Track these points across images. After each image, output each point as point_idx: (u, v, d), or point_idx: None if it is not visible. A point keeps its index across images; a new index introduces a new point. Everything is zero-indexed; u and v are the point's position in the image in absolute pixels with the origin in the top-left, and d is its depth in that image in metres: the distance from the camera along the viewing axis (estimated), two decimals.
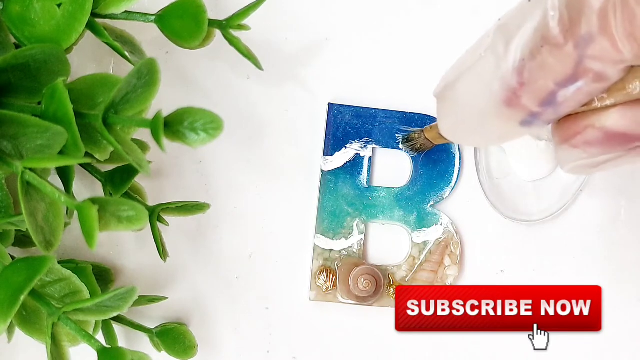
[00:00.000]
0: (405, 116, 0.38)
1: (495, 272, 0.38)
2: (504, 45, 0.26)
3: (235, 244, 0.38)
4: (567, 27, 0.25)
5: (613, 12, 0.24)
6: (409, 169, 0.38)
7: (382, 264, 0.38)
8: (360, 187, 0.38)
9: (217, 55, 0.37)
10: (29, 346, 0.37)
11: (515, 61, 0.26)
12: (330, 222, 0.38)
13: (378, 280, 0.37)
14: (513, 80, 0.26)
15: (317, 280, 0.38)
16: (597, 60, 0.25)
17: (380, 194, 0.38)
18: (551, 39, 0.25)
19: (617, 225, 0.39)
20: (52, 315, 0.29)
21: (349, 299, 0.37)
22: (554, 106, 0.26)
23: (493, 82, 0.27)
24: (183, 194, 0.38)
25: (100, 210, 0.26)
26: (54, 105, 0.28)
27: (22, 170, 0.27)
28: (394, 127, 0.38)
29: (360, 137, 0.38)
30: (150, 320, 0.38)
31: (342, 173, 0.38)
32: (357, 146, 0.38)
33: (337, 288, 0.37)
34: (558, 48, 0.25)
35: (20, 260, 0.29)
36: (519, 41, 0.26)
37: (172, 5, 0.32)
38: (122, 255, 0.38)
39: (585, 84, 0.25)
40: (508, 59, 0.26)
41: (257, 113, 0.38)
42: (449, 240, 0.38)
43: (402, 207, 0.38)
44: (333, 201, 0.38)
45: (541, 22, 0.25)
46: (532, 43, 0.25)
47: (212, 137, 0.26)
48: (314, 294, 0.38)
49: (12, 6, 0.31)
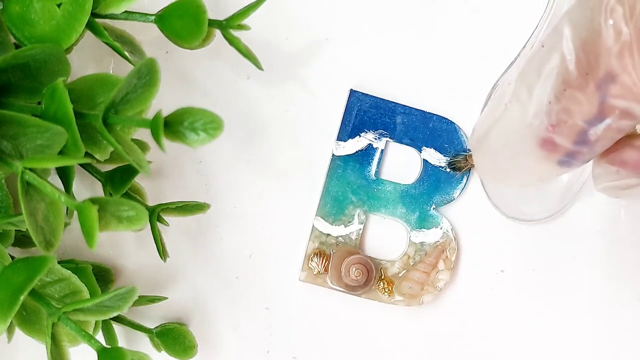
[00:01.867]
0: (424, 116, 0.38)
1: (495, 272, 0.38)
2: (527, 93, 0.27)
3: (235, 244, 0.38)
4: (587, 69, 0.25)
5: (629, 52, 0.24)
6: (418, 168, 0.38)
7: (376, 257, 0.38)
8: (367, 178, 0.38)
9: (217, 55, 0.37)
10: (29, 346, 0.37)
11: (542, 105, 0.26)
12: (332, 207, 0.38)
13: (370, 271, 0.37)
14: (543, 123, 0.26)
15: (310, 261, 0.38)
16: (620, 99, 0.25)
17: (387, 187, 0.38)
18: (572, 82, 0.25)
19: (617, 225, 0.39)
20: (52, 315, 0.29)
21: (338, 285, 0.37)
22: (588, 145, 0.27)
23: (522, 129, 0.27)
24: (183, 194, 0.38)
25: (100, 210, 0.26)
26: (54, 105, 0.28)
27: (22, 170, 0.27)
28: (411, 124, 0.38)
29: (376, 129, 0.38)
30: (150, 320, 0.38)
31: (352, 161, 0.38)
32: (372, 137, 0.38)
33: (328, 273, 0.37)
34: (580, 90, 0.25)
35: (20, 260, 0.29)
36: (542, 86, 0.26)
37: (172, 5, 0.32)
38: (122, 255, 0.38)
39: (614, 121, 0.26)
40: (533, 104, 0.27)
41: (257, 113, 0.38)
42: (446, 245, 0.38)
43: (405, 205, 0.38)
44: (338, 187, 0.38)
45: (560, 66, 0.26)
46: (555, 86, 0.26)
47: (212, 137, 0.26)
48: (305, 275, 0.38)
49: (12, 6, 0.31)
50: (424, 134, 0.38)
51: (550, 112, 0.26)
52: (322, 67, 0.38)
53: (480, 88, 0.38)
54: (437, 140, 0.38)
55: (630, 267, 0.39)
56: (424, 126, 0.38)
